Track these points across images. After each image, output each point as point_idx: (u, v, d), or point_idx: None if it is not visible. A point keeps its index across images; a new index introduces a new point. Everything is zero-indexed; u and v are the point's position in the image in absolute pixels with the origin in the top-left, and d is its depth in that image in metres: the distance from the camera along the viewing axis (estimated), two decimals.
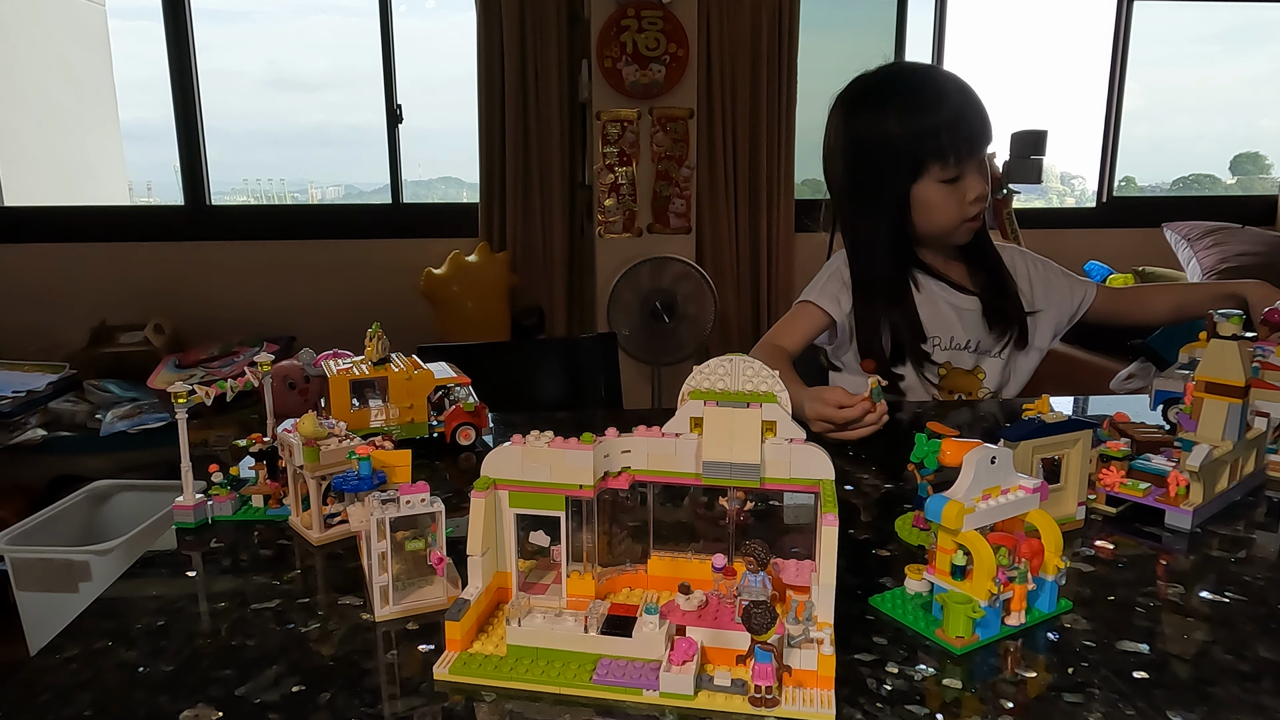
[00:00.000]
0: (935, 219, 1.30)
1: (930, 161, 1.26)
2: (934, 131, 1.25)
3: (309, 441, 0.80)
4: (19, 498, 2.33)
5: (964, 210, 1.29)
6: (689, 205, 2.97)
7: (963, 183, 1.27)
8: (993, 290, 1.38)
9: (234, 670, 0.60)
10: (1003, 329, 1.37)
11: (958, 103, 1.26)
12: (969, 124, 1.25)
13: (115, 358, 2.82)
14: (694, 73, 2.91)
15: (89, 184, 4.05)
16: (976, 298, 1.37)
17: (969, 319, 1.38)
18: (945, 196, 1.28)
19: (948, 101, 1.26)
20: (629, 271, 2.85)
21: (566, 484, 0.61)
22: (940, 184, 1.27)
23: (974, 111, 1.26)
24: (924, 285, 1.37)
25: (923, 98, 1.28)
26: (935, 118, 1.25)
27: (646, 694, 0.56)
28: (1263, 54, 4.19)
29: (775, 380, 0.65)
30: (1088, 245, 3.56)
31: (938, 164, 1.26)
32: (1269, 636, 0.64)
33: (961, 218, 1.30)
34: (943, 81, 1.30)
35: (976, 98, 1.28)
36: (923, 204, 1.29)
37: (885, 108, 1.29)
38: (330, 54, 3.94)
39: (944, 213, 1.29)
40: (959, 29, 3.53)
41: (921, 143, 1.26)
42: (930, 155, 1.26)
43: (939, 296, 1.37)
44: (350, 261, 3.21)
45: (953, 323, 1.37)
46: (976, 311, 1.38)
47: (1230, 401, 0.86)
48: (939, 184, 1.27)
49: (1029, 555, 0.65)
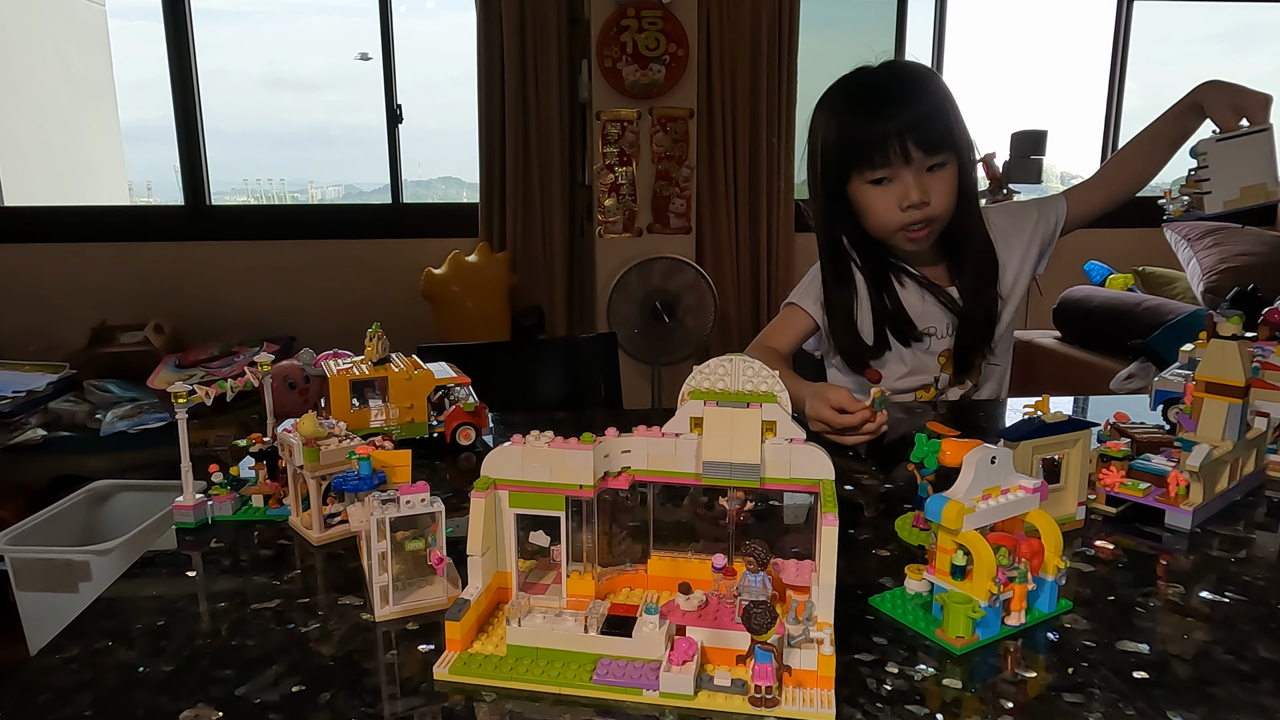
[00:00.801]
0: (870, 221, 1.28)
1: (856, 161, 1.24)
2: (860, 131, 1.23)
3: (309, 441, 0.80)
4: (19, 498, 2.33)
5: (899, 215, 1.24)
6: (689, 205, 2.97)
7: (894, 186, 1.23)
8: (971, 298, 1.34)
9: (234, 670, 0.60)
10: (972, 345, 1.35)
11: (898, 104, 1.21)
12: (908, 127, 1.20)
13: (115, 358, 2.82)
14: (694, 73, 2.91)
15: (89, 184, 4.05)
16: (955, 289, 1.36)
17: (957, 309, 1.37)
18: (875, 198, 1.25)
19: (887, 102, 1.22)
20: (629, 271, 2.85)
21: (566, 484, 0.61)
22: (870, 185, 1.25)
23: (918, 115, 1.20)
24: (906, 282, 1.37)
25: (861, 97, 1.26)
26: (864, 117, 1.23)
27: (646, 694, 0.56)
28: (1263, 54, 4.19)
29: (775, 380, 0.65)
30: (1088, 245, 3.56)
31: (865, 164, 1.23)
32: (1269, 636, 0.64)
33: (898, 223, 1.25)
34: (892, 83, 1.25)
35: (932, 104, 1.22)
36: (858, 205, 1.28)
37: (830, 106, 1.28)
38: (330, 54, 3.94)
39: (876, 216, 1.26)
40: (959, 29, 3.54)
41: (849, 142, 1.24)
42: (855, 154, 1.24)
43: (923, 290, 1.36)
44: (350, 261, 3.21)
45: (940, 315, 1.36)
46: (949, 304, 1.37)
47: (1230, 401, 0.86)
48: (868, 185, 1.25)
49: (1029, 555, 0.65)
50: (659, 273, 2.88)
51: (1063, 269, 3.43)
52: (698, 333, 2.94)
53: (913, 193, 1.21)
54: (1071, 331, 2.81)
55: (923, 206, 1.22)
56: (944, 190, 1.23)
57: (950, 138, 1.23)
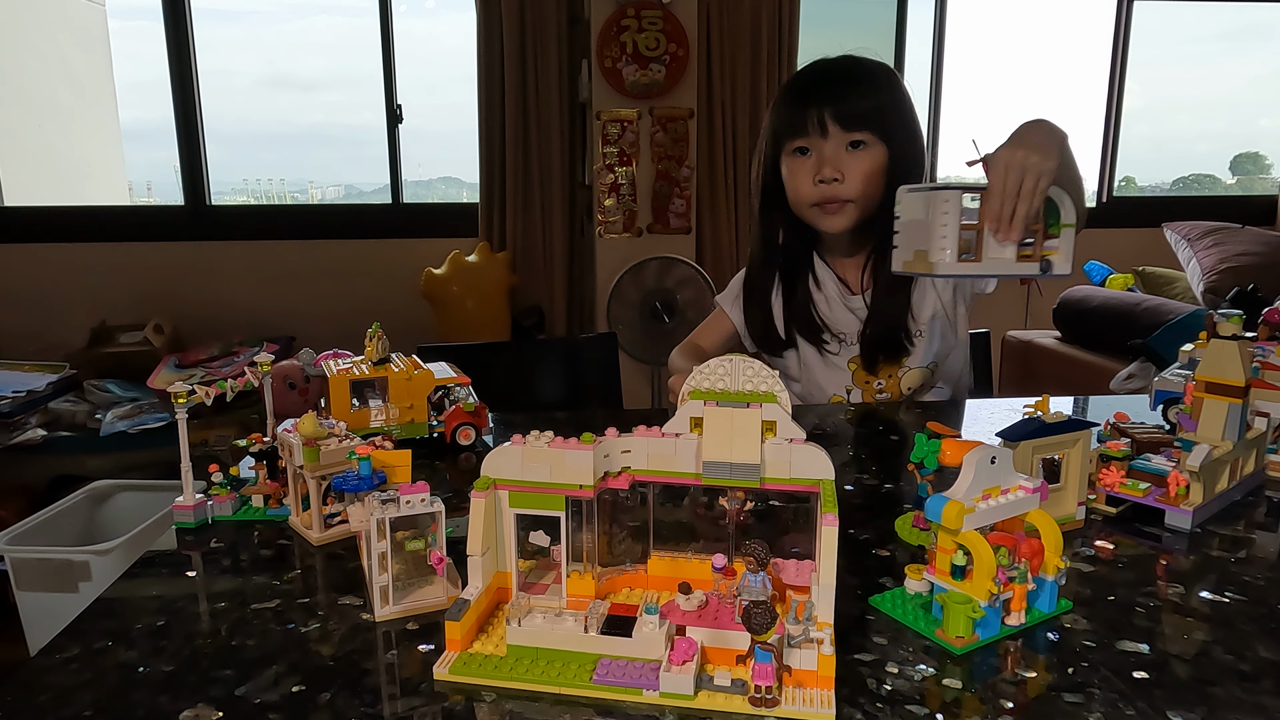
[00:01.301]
0: (791, 193, 1.30)
1: (782, 131, 1.28)
2: (789, 103, 1.27)
3: (309, 441, 0.80)
4: (19, 498, 2.33)
5: (813, 188, 1.26)
6: (689, 205, 2.97)
7: (812, 159, 1.25)
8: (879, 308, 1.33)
9: (234, 670, 0.60)
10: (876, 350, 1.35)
11: (831, 84, 1.25)
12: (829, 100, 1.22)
13: (115, 358, 2.82)
14: (694, 73, 2.91)
15: (89, 184, 4.05)
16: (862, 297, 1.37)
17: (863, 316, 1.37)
18: (795, 169, 1.28)
19: (820, 80, 1.27)
20: (629, 271, 2.85)
21: (566, 484, 0.61)
22: (792, 156, 1.28)
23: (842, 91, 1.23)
24: (824, 284, 1.38)
25: (802, 79, 1.30)
26: (796, 92, 1.27)
27: (646, 694, 0.56)
28: (1263, 54, 4.19)
29: (775, 380, 0.65)
30: (1088, 245, 3.54)
31: (788, 133, 1.27)
32: (1269, 636, 0.64)
33: (811, 198, 1.27)
34: (831, 67, 1.29)
35: (864, 86, 1.24)
36: (784, 176, 1.30)
37: (780, 90, 1.34)
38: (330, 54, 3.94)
39: (794, 187, 1.29)
40: (959, 29, 3.54)
41: (779, 114, 1.28)
42: (782, 125, 1.28)
43: (835, 296, 1.38)
44: (350, 261, 3.21)
45: (851, 321, 1.37)
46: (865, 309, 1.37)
47: (1230, 401, 0.86)
48: (791, 155, 1.28)
49: (1029, 555, 0.65)
50: (659, 273, 2.88)
51: None
52: None
53: (826, 167, 1.24)
54: (1071, 331, 2.81)
55: (833, 183, 1.24)
56: (860, 171, 1.24)
57: (876, 120, 1.24)
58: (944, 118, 3.62)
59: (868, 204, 1.27)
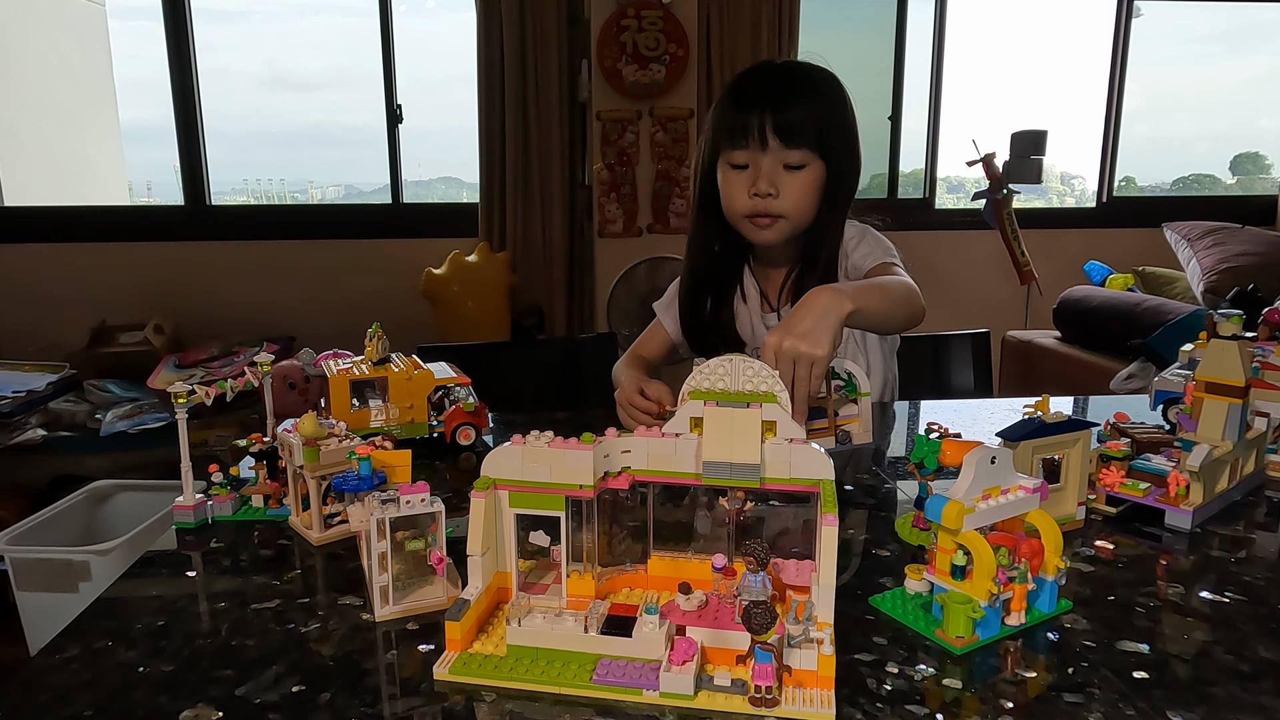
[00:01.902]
0: (725, 202, 1.28)
1: (721, 140, 1.25)
2: (730, 112, 1.24)
3: (309, 441, 0.80)
4: (19, 498, 2.33)
5: (747, 200, 1.24)
6: (689, 205, 2.96)
7: (749, 172, 1.23)
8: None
9: (234, 670, 0.60)
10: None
11: (774, 96, 1.22)
12: (771, 115, 1.20)
13: (115, 358, 2.82)
14: (694, 73, 2.91)
15: (89, 184, 4.05)
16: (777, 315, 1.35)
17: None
18: (731, 180, 1.26)
19: (763, 91, 1.23)
20: (629, 271, 2.85)
21: (566, 484, 0.61)
22: (731, 168, 1.26)
23: (785, 107, 1.20)
24: (749, 297, 1.38)
25: (744, 84, 1.27)
26: (737, 101, 1.24)
27: (646, 694, 0.56)
28: (1263, 54, 4.19)
29: (775, 380, 0.65)
30: (1088, 245, 3.56)
31: (728, 143, 1.24)
32: (1269, 636, 0.64)
33: (744, 210, 1.25)
34: (776, 76, 1.26)
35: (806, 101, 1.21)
36: (720, 184, 1.29)
37: (723, 92, 1.30)
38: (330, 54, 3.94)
39: (728, 197, 1.27)
40: (959, 29, 3.54)
41: (720, 122, 1.26)
42: (722, 134, 1.25)
43: (756, 310, 1.37)
44: (350, 261, 3.21)
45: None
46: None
47: (1230, 401, 0.86)
48: (730, 168, 1.26)
49: (1029, 555, 0.65)
50: (659, 273, 2.88)
51: (1063, 269, 3.44)
52: None
53: (762, 181, 1.22)
54: (1071, 331, 2.81)
55: (768, 198, 1.22)
56: (797, 191, 1.23)
57: (817, 139, 1.22)
58: (944, 118, 3.62)
59: (800, 220, 1.26)
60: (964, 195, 3.86)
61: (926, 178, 3.65)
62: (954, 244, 3.48)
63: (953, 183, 3.95)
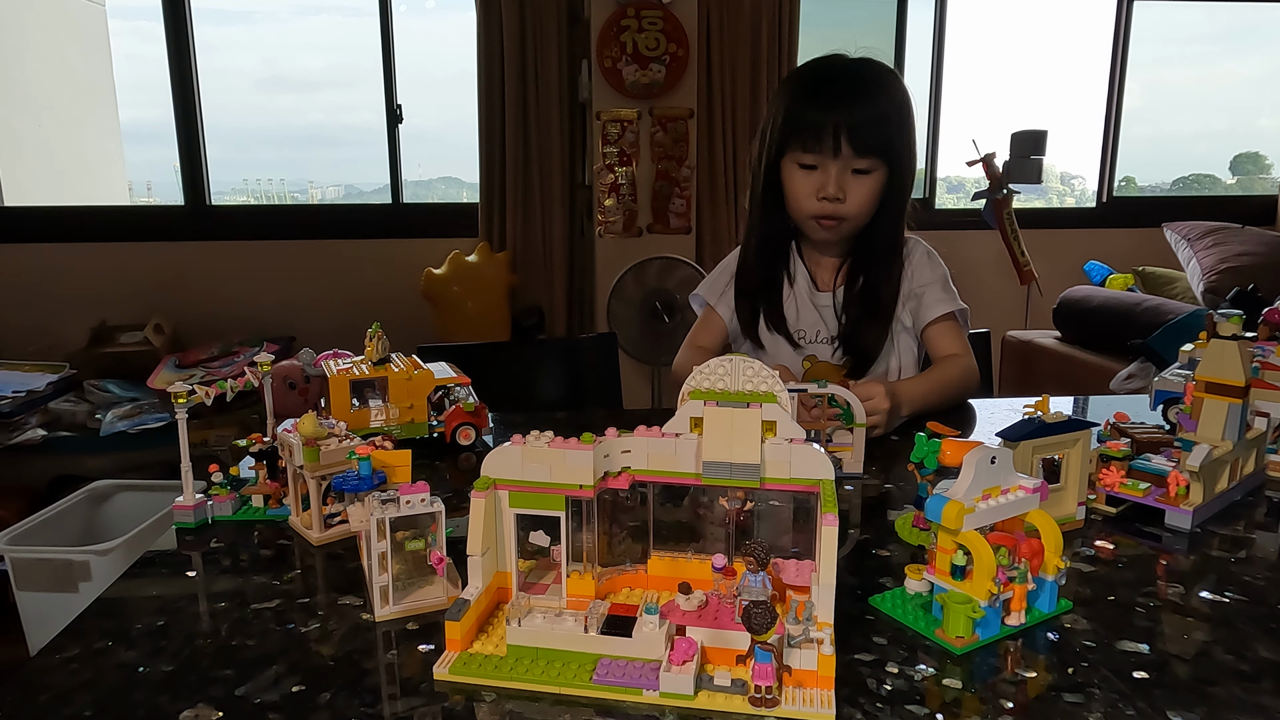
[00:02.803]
0: (789, 202, 1.31)
1: (791, 140, 1.27)
2: (803, 114, 1.25)
3: (309, 441, 0.80)
4: (19, 498, 2.33)
5: (815, 203, 1.27)
6: (689, 205, 2.97)
7: (818, 174, 1.26)
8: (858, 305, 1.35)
9: (234, 670, 0.60)
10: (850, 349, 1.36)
11: (847, 100, 1.23)
12: (846, 123, 1.22)
13: (115, 358, 2.82)
14: (694, 73, 2.91)
15: (89, 184, 4.04)
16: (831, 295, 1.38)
17: (828, 315, 1.38)
18: (799, 182, 1.28)
19: (836, 93, 1.25)
20: (629, 271, 2.85)
21: (566, 484, 0.61)
22: (799, 168, 1.28)
23: (860, 115, 1.22)
24: (796, 279, 1.40)
25: (817, 82, 1.28)
26: (810, 102, 1.25)
27: (646, 694, 0.56)
28: (1262, 54, 4.19)
29: (775, 380, 0.65)
30: (1088, 245, 3.56)
31: (798, 145, 1.26)
32: (1269, 636, 0.64)
33: (812, 211, 1.28)
34: (849, 77, 1.27)
35: (879, 109, 1.23)
36: (785, 180, 1.31)
37: (789, 82, 1.33)
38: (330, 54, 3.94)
39: (794, 198, 1.30)
40: (959, 29, 3.54)
41: (791, 120, 1.27)
42: (792, 134, 1.27)
43: (804, 293, 1.39)
44: (350, 261, 3.21)
45: (815, 319, 1.38)
46: (831, 308, 1.38)
47: (1230, 401, 0.86)
48: (797, 167, 1.28)
49: (1029, 555, 0.65)
50: (659, 273, 2.88)
51: (1063, 269, 3.44)
52: None
53: (830, 185, 1.25)
54: (1071, 331, 2.81)
55: (836, 202, 1.26)
56: (863, 195, 1.27)
57: (886, 147, 1.25)
58: (944, 118, 3.62)
59: (862, 221, 1.31)
60: (964, 195, 3.86)
61: (926, 177, 3.65)
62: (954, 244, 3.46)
63: (953, 183, 3.95)
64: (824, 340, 1.39)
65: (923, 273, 1.37)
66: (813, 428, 1.00)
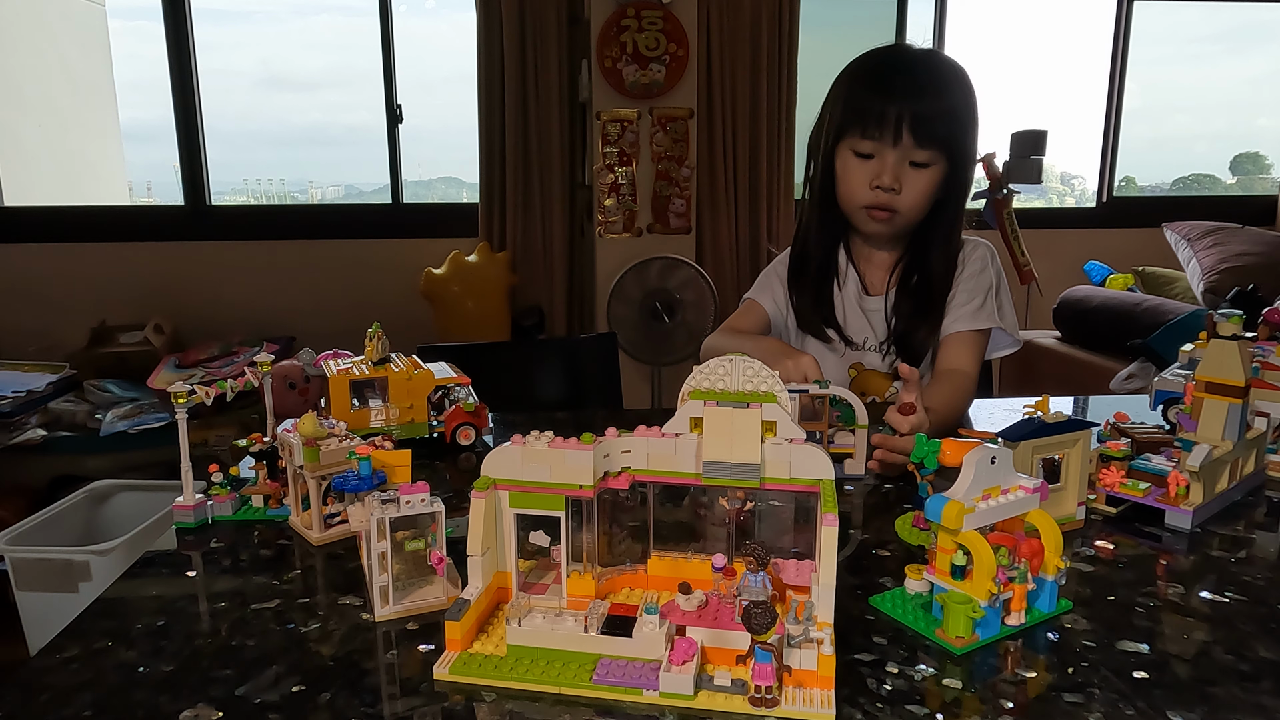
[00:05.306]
0: (841, 189, 1.28)
1: (850, 125, 1.24)
2: (865, 99, 1.22)
3: (309, 441, 0.80)
4: (19, 498, 2.33)
5: (868, 192, 1.24)
6: (689, 205, 2.97)
7: (874, 163, 1.23)
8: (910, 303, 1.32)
9: (234, 670, 0.60)
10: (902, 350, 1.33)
11: (913, 90, 1.21)
12: (908, 112, 1.19)
13: (115, 358, 2.82)
14: (694, 73, 2.91)
15: (89, 184, 4.04)
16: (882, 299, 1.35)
17: (878, 320, 1.36)
18: (854, 169, 1.25)
19: (903, 83, 1.22)
20: (629, 271, 2.85)
21: (566, 484, 0.61)
22: (855, 155, 1.25)
23: (923, 105, 1.20)
24: (846, 283, 1.37)
25: (882, 70, 1.25)
26: (873, 88, 1.22)
27: (646, 694, 0.56)
28: (1262, 54, 4.19)
29: (775, 380, 0.65)
30: (1088, 245, 3.56)
31: (857, 131, 1.23)
32: (1269, 636, 0.64)
33: (864, 201, 1.25)
34: (914, 67, 1.24)
35: (944, 103, 1.21)
36: (838, 168, 1.28)
37: (852, 69, 1.28)
38: (330, 54, 3.94)
39: (847, 185, 1.27)
40: (959, 29, 3.54)
41: (851, 106, 1.24)
42: (852, 119, 1.23)
43: (852, 297, 1.37)
44: (350, 261, 3.21)
45: (864, 325, 1.36)
46: (881, 313, 1.35)
47: (1230, 401, 0.86)
48: (854, 154, 1.25)
49: (1029, 555, 0.65)
50: (658, 273, 2.88)
51: (1063, 269, 3.44)
52: (698, 333, 2.94)
53: (886, 175, 1.22)
54: (1071, 331, 2.81)
55: (890, 192, 1.23)
56: (918, 189, 1.23)
57: (947, 142, 1.22)
58: None
59: (914, 218, 1.27)
60: None
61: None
62: None
63: None
64: (871, 347, 1.36)
65: (970, 279, 1.33)
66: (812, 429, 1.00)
